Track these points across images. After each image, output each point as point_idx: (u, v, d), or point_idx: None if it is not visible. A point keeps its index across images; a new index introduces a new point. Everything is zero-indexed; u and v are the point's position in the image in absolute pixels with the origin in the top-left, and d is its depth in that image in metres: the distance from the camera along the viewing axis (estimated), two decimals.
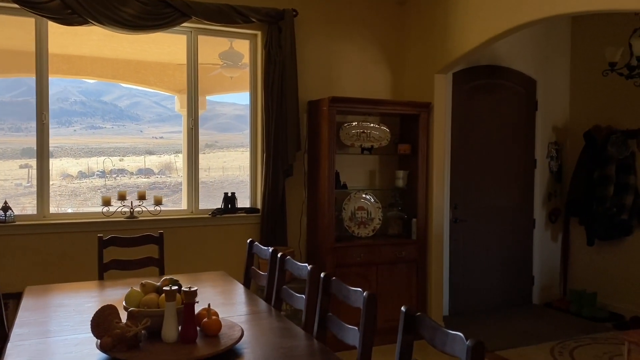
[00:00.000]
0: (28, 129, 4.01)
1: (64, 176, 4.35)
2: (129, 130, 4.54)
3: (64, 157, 4.31)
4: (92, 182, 4.42)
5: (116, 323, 1.98)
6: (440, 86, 4.55)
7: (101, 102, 4.62)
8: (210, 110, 4.59)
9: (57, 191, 4.19)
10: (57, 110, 4.24)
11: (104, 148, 4.49)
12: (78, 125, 4.40)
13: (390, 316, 4.37)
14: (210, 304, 2.67)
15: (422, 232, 4.54)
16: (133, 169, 4.54)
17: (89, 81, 4.60)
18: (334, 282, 2.25)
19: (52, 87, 4.11)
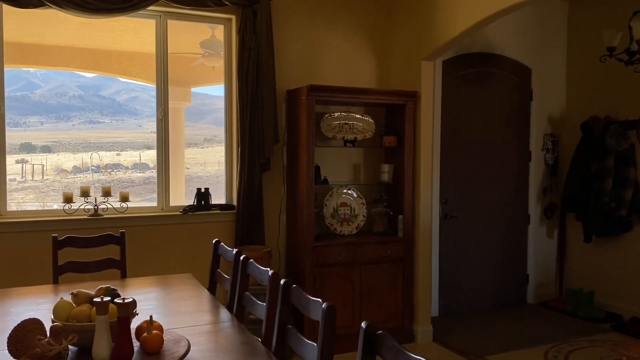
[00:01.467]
0: (26, 123, 4.02)
1: (58, 171, 4.27)
2: (127, 124, 4.46)
3: (61, 152, 4.26)
4: (86, 177, 4.32)
5: (38, 340, 1.71)
6: (428, 74, 4.27)
7: (100, 97, 4.57)
8: (209, 104, 4.33)
9: (51, 186, 4.13)
10: (55, 105, 4.23)
11: (102, 143, 4.42)
12: (77, 119, 4.35)
13: (374, 318, 4.13)
14: (160, 314, 2.42)
15: (408, 229, 4.27)
16: (129, 163, 4.46)
17: (87, 75, 4.55)
18: (294, 291, 1.99)
19: (50, 81, 4.19)
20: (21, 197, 4.14)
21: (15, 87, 4.19)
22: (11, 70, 4.30)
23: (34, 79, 4.54)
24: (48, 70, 4.54)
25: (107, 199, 3.84)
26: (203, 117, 4.41)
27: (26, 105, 4.09)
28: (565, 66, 5.42)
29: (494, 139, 5.13)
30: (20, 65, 4.30)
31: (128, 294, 2.78)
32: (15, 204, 4.00)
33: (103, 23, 4.04)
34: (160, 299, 2.80)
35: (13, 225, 3.55)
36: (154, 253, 3.89)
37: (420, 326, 4.30)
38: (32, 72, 4.51)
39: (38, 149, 4.30)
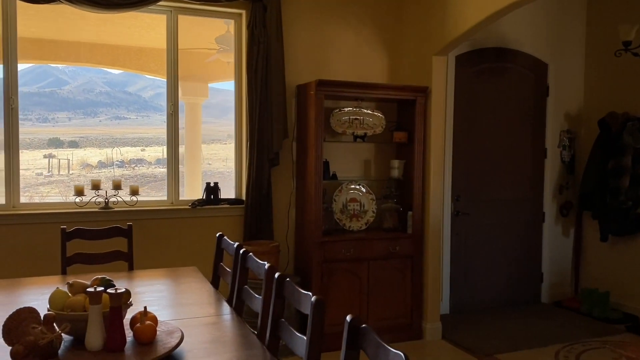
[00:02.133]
0: (55, 119, 4.13)
1: (83, 166, 4.38)
2: (152, 120, 4.51)
3: (87, 147, 4.38)
4: (110, 171, 4.43)
5: (32, 329, 1.74)
6: (439, 69, 4.22)
7: (126, 93, 4.67)
8: (232, 100, 4.36)
9: (76, 180, 4.19)
10: (83, 101, 4.34)
11: (128, 138, 4.52)
12: (103, 115, 4.45)
13: (383, 314, 4.12)
14: (161, 305, 2.44)
15: (418, 226, 4.24)
16: (152, 159, 4.54)
17: (114, 72, 4.65)
18: (287, 285, 1.98)
19: (77, 77, 4.31)
20: (47, 190, 4.24)
21: (44, 83, 4.33)
22: (40, 67, 4.43)
23: (63, 76, 4.65)
24: (76, 67, 4.65)
25: (117, 192, 3.89)
26: (227, 114, 4.47)
27: (55, 101, 4.19)
28: (583, 61, 5.30)
29: (508, 136, 5.05)
30: (41, 61, 4.40)
31: (133, 285, 2.82)
32: (39, 197, 4.10)
33: (120, 19, 4.11)
34: (164, 291, 2.83)
35: (25, 217, 3.63)
36: (162, 246, 3.93)
37: (429, 323, 4.27)
38: (60, 69, 4.61)
39: (66, 144, 4.42)
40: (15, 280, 2.93)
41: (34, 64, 4.39)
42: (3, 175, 3.68)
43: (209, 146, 4.93)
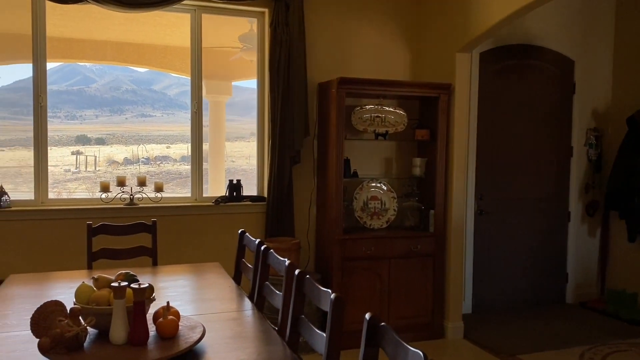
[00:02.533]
0: (82, 116, 4.22)
1: (110, 162, 4.45)
2: (177, 118, 4.58)
3: (114, 144, 4.45)
4: (136, 168, 4.49)
5: (59, 322, 1.79)
6: (463, 66, 4.18)
7: (151, 91, 4.72)
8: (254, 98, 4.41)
9: (102, 177, 4.27)
10: (109, 99, 4.42)
11: (153, 135, 4.58)
12: (129, 113, 4.52)
13: (403, 313, 4.11)
14: (184, 300, 2.48)
15: (440, 225, 4.21)
16: (177, 156, 4.60)
17: (140, 70, 4.72)
18: (306, 282, 2.00)
19: (104, 75, 4.38)
20: (74, 187, 4.34)
21: (73, 81, 4.41)
22: (68, 65, 4.53)
23: (90, 74, 4.75)
24: (103, 65, 4.73)
25: (142, 188, 3.96)
26: (251, 112, 4.52)
27: (82, 99, 4.27)
28: (612, 57, 5.19)
29: (533, 134, 4.98)
30: (70, 60, 4.50)
31: (157, 280, 2.87)
32: (67, 193, 4.22)
33: (145, 18, 4.17)
34: (187, 286, 2.87)
35: (53, 212, 3.72)
36: (186, 242, 3.99)
37: (451, 322, 4.24)
38: (88, 67, 4.71)
39: (93, 141, 4.50)
40: (43, 274, 3.01)
41: (63, 63, 4.48)
42: (32, 172, 3.78)
43: (232, 144, 4.98)
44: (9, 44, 4.00)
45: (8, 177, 3.93)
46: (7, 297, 2.49)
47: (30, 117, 3.78)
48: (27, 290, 2.64)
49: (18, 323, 2.14)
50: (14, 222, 3.64)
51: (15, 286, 2.67)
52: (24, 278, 2.84)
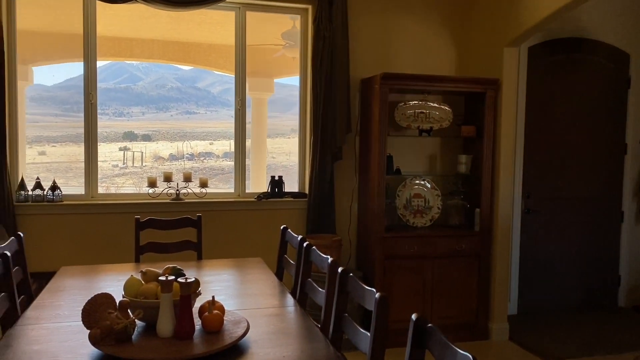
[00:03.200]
0: (129, 113, 4.36)
1: (155, 158, 4.56)
2: (220, 115, 4.64)
3: (160, 140, 4.55)
4: (180, 164, 4.60)
5: (108, 314, 1.84)
6: (511, 61, 4.06)
7: (195, 89, 4.81)
8: (296, 95, 4.45)
9: (148, 172, 4.41)
10: (155, 97, 4.54)
11: (197, 132, 4.68)
12: (174, 110, 4.61)
13: (446, 313, 4.04)
14: (227, 295, 2.51)
15: (486, 223, 4.11)
16: (220, 152, 4.68)
17: (184, 68, 4.81)
18: (350, 280, 1.98)
19: (150, 74, 4.50)
20: (122, 181, 4.49)
21: (120, 79, 4.54)
22: (116, 64, 4.67)
23: (137, 72, 4.85)
24: (149, 64, 4.85)
25: (187, 184, 4.03)
26: (291, 108, 4.55)
27: (129, 96, 4.38)
28: None
29: (584, 130, 4.79)
30: (118, 58, 4.63)
31: (201, 274, 2.92)
32: (115, 187, 4.37)
33: (191, 16, 4.23)
34: (230, 280, 2.90)
35: (102, 207, 3.84)
36: (229, 236, 4.04)
37: (496, 324, 4.14)
38: (134, 65, 4.83)
39: (139, 138, 4.62)
40: (93, 266, 3.10)
41: (112, 61, 4.61)
42: (81, 167, 3.90)
43: (273, 140, 5.03)
44: (61, 43, 4.14)
45: (59, 172, 4.08)
46: (59, 289, 2.58)
47: (79, 114, 3.91)
48: (78, 282, 2.73)
49: (70, 314, 2.21)
50: (65, 216, 3.78)
51: (66, 278, 2.77)
52: (75, 270, 2.93)
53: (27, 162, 3.96)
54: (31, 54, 4.03)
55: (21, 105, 3.84)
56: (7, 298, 2.20)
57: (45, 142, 4.18)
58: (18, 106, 3.77)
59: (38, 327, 2.06)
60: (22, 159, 3.87)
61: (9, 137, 3.66)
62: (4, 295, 2.19)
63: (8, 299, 2.21)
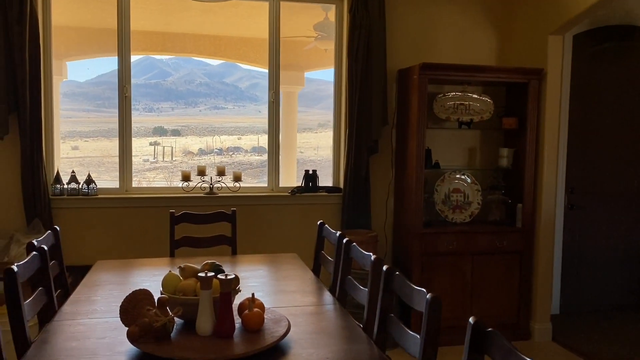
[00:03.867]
0: (159, 109, 4.41)
1: (185, 153, 4.60)
2: (248, 110, 4.67)
3: (189, 135, 4.60)
4: (209, 158, 4.61)
5: (147, 311, 1.78)
6: (555, 50, 3.87)
7: (224, 84, 4.85)
8: (324, 89, 4.38)
9: (178, 167, 4.45)
10: (184, 92, 4.58)
11: (225, 127, 4.70)
12: (203, 105, 4.66)
13: (486, 312, 3.90)
14: (264, 292, 2.44)
15: (528, 219, 3.95)
16: (248, 147, 4.70)
17: (213, 63, 4.85)
18: (396, 278, 1.88)
19: (180, 69, 4.54)
20: (152, 176, 4.53)
21: (150, 74, 4.58)
22: (146, 59, 4.69)
23: (166, 68, 4.90)
24: (178, 59, 4.88)
25: (221, 178, 3.98)
26: (319, 103, 4.48)
27: (159, 92, 4.43)
28: None
29: (633, 123, 4.56)
30: (150, 53, 4.63)
31: (237, 270, 2.86)
32: (146, 182, 4.40)
33: (222, 9, 4.18)
34: (266, 277, 2.84)
35: (137, 200, 3.82)
36: (263, 231, 3.98)
37: (538, 324, 3.98)
38: (164, 61, 4.88)
39: (169, 133, 4.66)
40: (128, 261, 3.07)
41: (141, 56, 4.62)
42: (114, 161, 3.89)
43: (300, 135, 4.99)
44: (95, 38, 4.14)
45: (92, 167, 4.09)
46: (95, 283, 2.55)
47: (111, 110, 3.90)
48: (114, 276, 2.69)
49: (107, 309, 2.17)
50: (100, 209, 3.77)
51: (102, 272, 2.74)
52: (110, 264, 2.90)
53: (61, 157, 3.96)
54: (66, 49, 4.05)
55: (56, 100, 3.84)
56: (44, 293, 2.17)
57: (78, 137, 4.22)
58: (53, 101, 3.77)
59: (75, 323, 2.02)
60: (58, 153, 3.88)
61: (44, 131, 3.67)
62: (41, 290, 2.16)
63: (45, 293, 2.18)
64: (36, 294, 2.11)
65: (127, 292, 2.17)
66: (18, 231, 3.57)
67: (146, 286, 2.52)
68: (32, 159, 3.50)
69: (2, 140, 3.50)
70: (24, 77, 3.42)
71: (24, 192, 3.52)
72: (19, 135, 3.51)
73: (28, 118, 3.46)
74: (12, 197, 3.59)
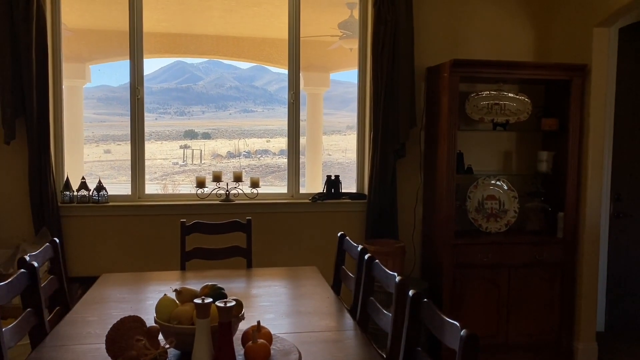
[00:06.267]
0: (190, 112, 4.48)
1: (214, 156, 4.59)
2: (277, 113, 4.60)
3: (219, 138, 4.62)
4: (238, 161, 4.58)
5: (136, 341, 1.55)
6: (601, 44, 3.53)
7: (253, 87, 4.85)
8: (352, 92, 4.20)
9: (207, 170, 4.42)
10: (214, 96, 4.66)
11: (255, 130, 4.70)
12: (233, 109, 4.66)
13: (525, 330, 3.59)
14: (277, 313, 2.19)
15: (570, 229, 3.61)
16: (276, 150, 4.66)
17: (242, 67, 4.89)
18: (424, 306, 1.60)
19: (209, 72, 4.69)
20: (181, 179, 4.50)
21: (182, 79, 4.60)
22: (178, 64, 4.77)
23: (197, 72, 4.89)
24: (208, 63, 4.88)
25: (238, 184, 3.76)
26: (347, 105, 4.42)
27: (190, 95, 4.49)
28: None
29: None
30: (171, 55, 4.54)
31: (250, 286, 2.63)
32: (172, 185, 4.42)
33: (244, 9, 4.02)
34: (282, 294, 2.59)
35: (148, 208, 3.63)
36: (282, 241, 3.75)
37: (582, 343, 3.63)
38: (195, 65, 4.89)
39: (200, 136, 4.64)
40: (136, 274, 2.88)
41: (173, 61, 4.65)
42: (149, 164, 3.75)
43: (329, 137, 4.87)
44: (116, 40, 4.00)
45: (123, 170, 4.03)
46: (96, 301, 2.35)
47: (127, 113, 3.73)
48: (118, 292, 2.49)
49: (101, 332, 1.93)
50: (111, 218, 3.59)
51: (106, 287, 2.54)
52: (116, 278, 2.70)
53: (92, 160, 3.96)
54: (88, 52, 3.91)
55: (77, 103, 3.70)
56: (33, 314, 1.97)
57: (111, 141, 4.23)
58: (65, 104, 3.62)
59: (64, 349, 1.82)
60: (74, 158, 3.73)
61: (54, 136, 3.51)
62: (30, 311, 1.96)
63: (35, 314, 1.98)
64: (24, 315, 1.92)
65: (126, 312, 1.95)
66: (25, 241, 3.41)
67: (150, 304, 2.31)
68: (40, 165, 3.34)
69: (8, 145, 3.35)
70: (30, 80, 3.26)
71: (32, 199, 3.37)
72: (27, 140, 3.35)
73: (35, 122, 3.30)
74: (20, 204, 3.44)
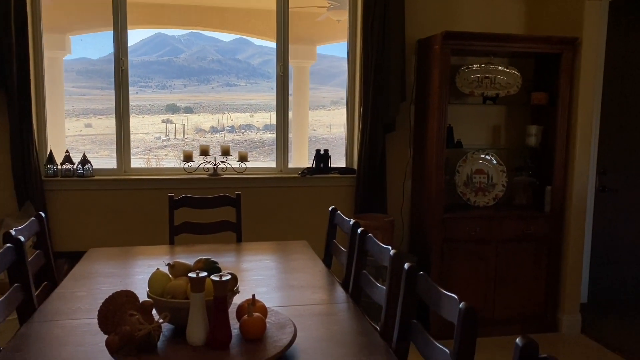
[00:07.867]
0: (172, 86, 4.38)
1: (197, 130, 4.54)
2: (260, 87, 4.55)
3: (201, 112, 4.55)
4: (221, 136, 4.53)
5: (129, 317, 1.52)
6: (593, 17, 3.51)
7: (236, 60, 4.75)
8: (337, 66, 4.13)
9: (190, 145, 4.39)
10: (196, 69, 4.55)
11: (238, 105, 4.62)
12: (215, 82, 4.57)
13: (511, 303, 3.63)
14: (269, 286, 2.18)
15: (558, 204, 3.64)
16: (260, 125, 4.61)
17: (225, 40, 4.79)
18: (420, 279, 1.60)
19: (191, 45, 4.57)
20: (164, 153, 4.44)
21: (162, 52, 4.47)
22: (158, 36, 4.64)
23: (178, 44, 4.77)
24: (190, 35, 4.75)
25: (226, 158, 3.71)
26: (331, 80, 4.33)
27: (172, 69, 4.38)
28: None
29: None
30: (155, 26, 4.43)
31: (241, 260, 2.61)
32: (156, 160, 4.33)
33: None
34: (273, 268, 2.58)
35: (135, 182, 3.57)
36: (271, 216, 3.72)
37: (566, 315, 3.70)
38: (176, 38, 4.77)
39: (182, 110, 4.57)
40: (123, 248, 2.83)
41: (153, 33, 4.51)
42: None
43: (313, 112, 4.82)
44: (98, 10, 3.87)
45: (105, 144, 3.95)
46: (84, 275, 2.31)
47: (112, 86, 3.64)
48: (106, 267, 2.45)
49: (91, 307, 1.93)
50: (96, 192, 3.53)
51: (94, 262, 2.50)
52: (104, 253, 2.66)
53: (73, 134, 3.82)
54: (68, 22, 3.77)
55: (58, 75, 3.59)
56: (20, 289, 1.93)
57: (92, 115, 4.11)
58: (45, 75, 3.51)
59: (53, 325, 1.78)
60: (62, 132, 3.63)
61: (35, 108, 3.41)
62: (17, 286, 1.92)
63: (22, 289, 1.94)
64: (10, 291, 1.87)
65: (116, 287, 1.92)
66: (9, 216, 3.34)
67: (140, 278, 2.28)
68: (22, 138, 3.24)
69: None
70: (10, 50, 3.15)
71: (14, 173, 3.28)
72: (7, 113, 3.25)
73: (16, 94, 3.20)
74: (2, 178, 3.36)
